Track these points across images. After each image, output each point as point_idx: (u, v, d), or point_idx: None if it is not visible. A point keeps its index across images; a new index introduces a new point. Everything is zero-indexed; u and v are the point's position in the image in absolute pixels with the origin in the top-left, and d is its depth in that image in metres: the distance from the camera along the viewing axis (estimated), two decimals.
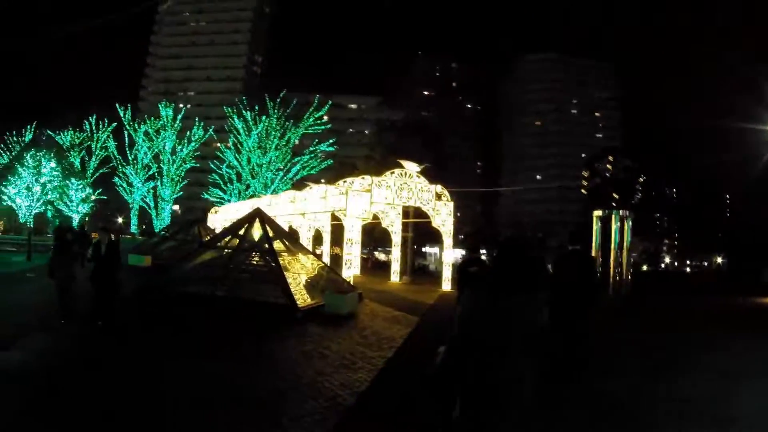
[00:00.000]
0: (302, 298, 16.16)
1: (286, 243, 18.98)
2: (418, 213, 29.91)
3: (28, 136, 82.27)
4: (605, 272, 27.53)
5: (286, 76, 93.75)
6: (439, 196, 27.44)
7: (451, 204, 27.98)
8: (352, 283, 22.57)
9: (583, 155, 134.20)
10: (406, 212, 31.35)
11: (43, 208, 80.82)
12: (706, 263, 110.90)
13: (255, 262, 18.65)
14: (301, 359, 10.48)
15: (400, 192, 25.86)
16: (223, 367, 9.51)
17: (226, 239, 19.53)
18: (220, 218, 46.22)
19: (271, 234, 18.18)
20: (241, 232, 18.78)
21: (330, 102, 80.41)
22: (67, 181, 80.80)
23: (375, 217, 31.28)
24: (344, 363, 10.18)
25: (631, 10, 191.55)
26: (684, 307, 23.16)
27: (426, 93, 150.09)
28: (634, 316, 19.87)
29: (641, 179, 29.64)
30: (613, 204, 28.20)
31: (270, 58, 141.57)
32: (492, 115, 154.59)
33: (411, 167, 27.82)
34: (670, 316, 20.02)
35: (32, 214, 78.40)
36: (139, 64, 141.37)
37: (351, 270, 24.09)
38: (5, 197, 78.29)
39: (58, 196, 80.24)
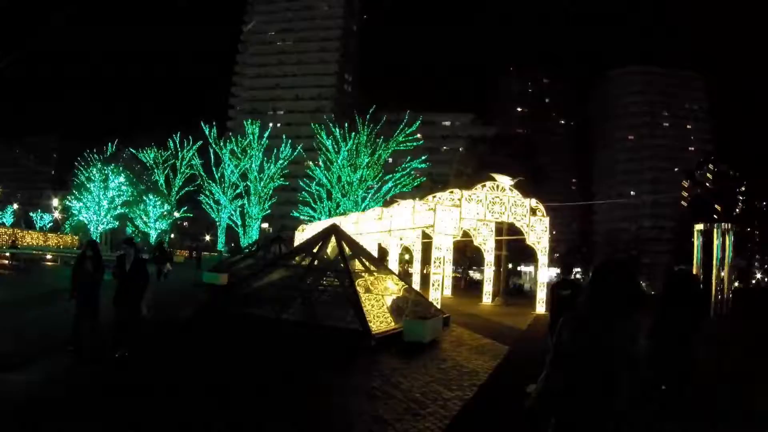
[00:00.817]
0: (381, 323, 14.64)
1: (365, 262, 17.32)
2: (512, 230, 28.01)
3: (109, 153, 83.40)
4: (707, 291, 25.11)
5: (376, 94, 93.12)
6: (533, 211, 25.47)
7: (547, 219, 25.97)
8: (439, 305, 20.85)
9: (676, 169, 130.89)
10: (499, 229, 29.49)
11: (117, 223, 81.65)
12: None
13: (329, 283, 17.10)
14: (362, 400, 8.77)
15: (491, 207, 24.03)
16: (257, 412, 7.92)
17: (299, 257, 18.07)
18: (306, 236, 45.26)
19: (347, 252, 16.67)
20: (315, 249, 17.30)
21: (421, 118, 78.82)
22: (145, 197, 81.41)
23: (466, 234, 29.55)
24: (411, 407, 8.42)
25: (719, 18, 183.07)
26: None
27: (519, 109, 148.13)
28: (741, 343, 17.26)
29: (743, 188, 27.07)
30: (715, 216, 25.71)
31: (360, 76, 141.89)
32: (584, 129, 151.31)
33: (504, 181, 25.91)
34: None
35: (103, 229, 79.15)
36: (227, 83, 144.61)
37: (439, 291, 22.25)
38: (75, 211, 79.80)
39: (128, 210, 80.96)
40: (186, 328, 14.78)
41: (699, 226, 26.18)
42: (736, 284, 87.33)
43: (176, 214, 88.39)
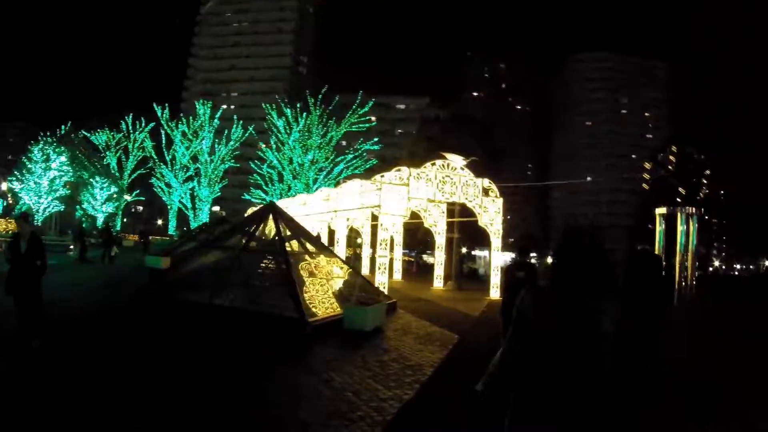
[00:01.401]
0: (327, 309, 13.53)
1: (306, 244, 15.98)
2: (464, 212, 26.88)
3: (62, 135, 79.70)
4: (671, 273, 24.58)
5: (332, 76, 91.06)
6: (486, 192, 24.33)
7: (500, 201, 24.85)
8: (386, 290, 19.66)
9: (634, 156, 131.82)
10: (451, 210, 28.34)
11: (63, 206, 78.26)
12: (752, 267, 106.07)
13: (266, 266, 15.76)
14: (283, 400, 7.50)
15: (442, 186, 22.81)
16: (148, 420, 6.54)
17: (235, 239, 16.66)
18: None
19: (286, 233, 15.32)
20: (251, 230, 15.94)
21: (374, 100, 77.00)
22: (92, 180, 78.23)
23: (416, 216, 28.36)
24: (340, 409, 7.16)
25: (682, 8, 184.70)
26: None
27: (475, 94, 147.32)
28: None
29: (707, 173, 26.46)
30: (679, 200, 25.00)
31: (316, 59, 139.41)
32: (543, 115, 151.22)
33: (455, 160, 24.72)
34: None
35: (48, 211, 75.90)
36: (181, 65, 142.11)
37: (385, 275, 21.00)
38: (18, 193, 76.22)
39: (71, 193, 77.73)
40: (111, 316, 13.30)
41: (661, 210, 25.40)
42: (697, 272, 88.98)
43: (128, 198, 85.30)
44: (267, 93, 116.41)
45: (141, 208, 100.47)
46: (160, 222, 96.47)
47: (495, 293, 23.83)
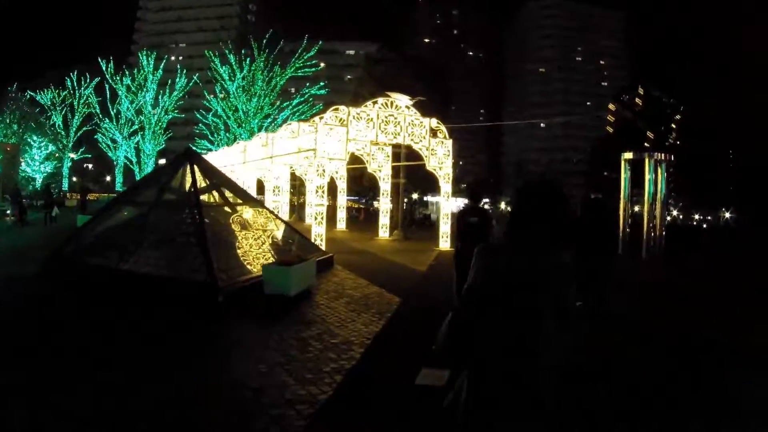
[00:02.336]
0: (257, 267, 11.87)
1: (227, 195, 13.80)
2: (412, 155, 24.84)
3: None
4: (638, 228, 23.23)
5: (281, 23, 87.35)
6: (434, 133, 22.31)
7: (449, 142, 22.90)
8: (323, 242, 17.70)
9: (588, 103, 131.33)
10: (397, 154, 26.26)
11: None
12: (710, 218, 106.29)
13: (180, 222, 13.56)
14: (150, 407, 5.41)
15: (384, 126, 20.78)
16: None
17: (150, 192, 14.34)
18: None
19: (203, 183, 13.11)
20: (165, 180, 13.68)
21: (321, 43, 74.06)
22: (28, 139, 74.10)
23: (360, 160, 26.24)
24: (229, 420, 5.18)
25: None
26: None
27: (426, 40, 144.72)
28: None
29: (678, 117, 24.84)
30: (647, 145, 23.46)
31: (265, 6, 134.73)
32: (495, 62, 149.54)
33: (401, 99, 22.50)
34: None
35: None
36: (130, 18, 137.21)
37: (323, 225, 18.97)
38: None
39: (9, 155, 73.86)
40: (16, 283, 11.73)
41: (628, 155, 23.68)
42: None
43: (73, 156, 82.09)
44: (215, 43, 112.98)
45: (90, 166, 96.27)
46: (108, 178, 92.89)
47: (445, 243, 22.05)
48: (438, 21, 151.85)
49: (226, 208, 13.31)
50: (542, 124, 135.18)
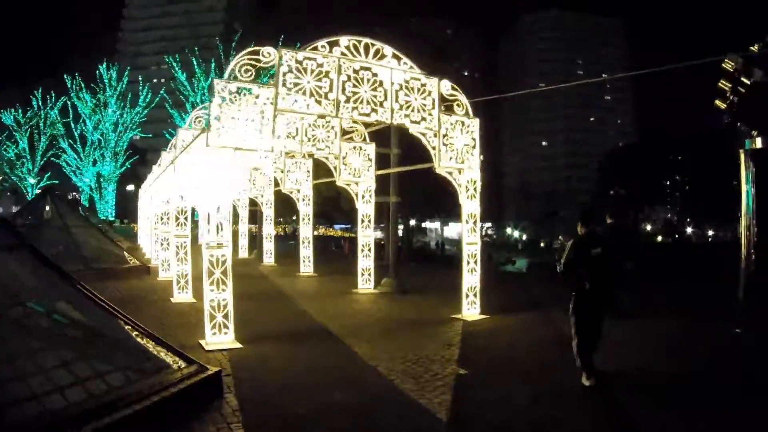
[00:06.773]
0: None
1: None
2: (408, 153, 15.00)
3: None
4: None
5: (272, 34, 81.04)
6: (448, 105, 12.01)
7: (475, 123, 12.47)
8: (231, 315, 7.93)
9: (592, 119, 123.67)
10: (385, 158, 16.37)
11: None
12: (721, 233, 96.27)
13: None
14: None
15: (353, 89, 10.52)
16: None
17: None
18: None
19: None
20: None
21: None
22: None
23: (326, 169, 16.52)
24: None
25: None
26: None
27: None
28: None
29: None
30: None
31: (254, 20, 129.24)
32: (493, 78, 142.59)
33: (385, 48, 12.27)
34: None
35: None
36: (111, 39, 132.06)
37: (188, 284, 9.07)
38: None
39: None
40: None
41: (757, 142, 14.03)
42: (660, 238, 79.92)
43: (32, 181, 73.20)
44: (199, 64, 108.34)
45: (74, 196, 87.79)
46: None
47: (473, 307, 12.01)
48: (431, 39, 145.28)
49: None
50: (544, 142, 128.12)
